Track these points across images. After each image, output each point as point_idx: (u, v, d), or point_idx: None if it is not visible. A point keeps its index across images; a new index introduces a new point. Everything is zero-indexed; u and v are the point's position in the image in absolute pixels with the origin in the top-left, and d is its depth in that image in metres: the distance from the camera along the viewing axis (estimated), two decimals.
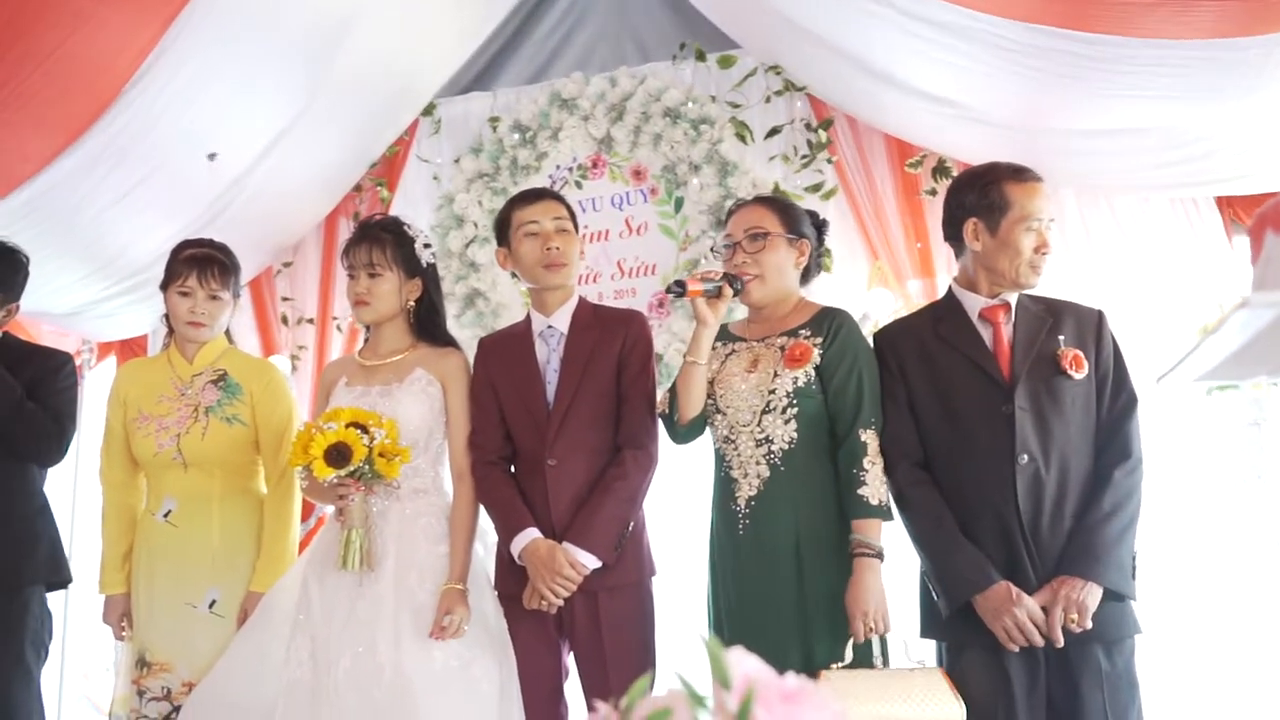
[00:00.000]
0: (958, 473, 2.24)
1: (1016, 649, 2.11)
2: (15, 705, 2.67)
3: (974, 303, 2.32)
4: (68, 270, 3.63)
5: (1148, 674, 2.22)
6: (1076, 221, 3.25)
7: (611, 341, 2.44)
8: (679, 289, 2.28)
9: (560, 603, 2.30)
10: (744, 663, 0.56)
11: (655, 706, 0.56)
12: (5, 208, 3.20)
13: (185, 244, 2.77)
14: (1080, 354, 2.22)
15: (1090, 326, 2.28)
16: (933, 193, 3.34)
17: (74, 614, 3.98)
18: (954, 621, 2.19)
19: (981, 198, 2.29)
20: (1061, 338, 2.23)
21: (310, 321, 4.09)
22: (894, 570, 2.24)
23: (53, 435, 2.77)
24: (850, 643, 2.14)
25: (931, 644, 2.30)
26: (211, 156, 3.43)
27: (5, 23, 2.70)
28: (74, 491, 4.01)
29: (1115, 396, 2.23)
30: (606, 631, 2.32)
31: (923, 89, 3.06)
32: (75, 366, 3.01)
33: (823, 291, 3.08)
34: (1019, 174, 2.30)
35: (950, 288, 2.40)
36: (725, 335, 2.44)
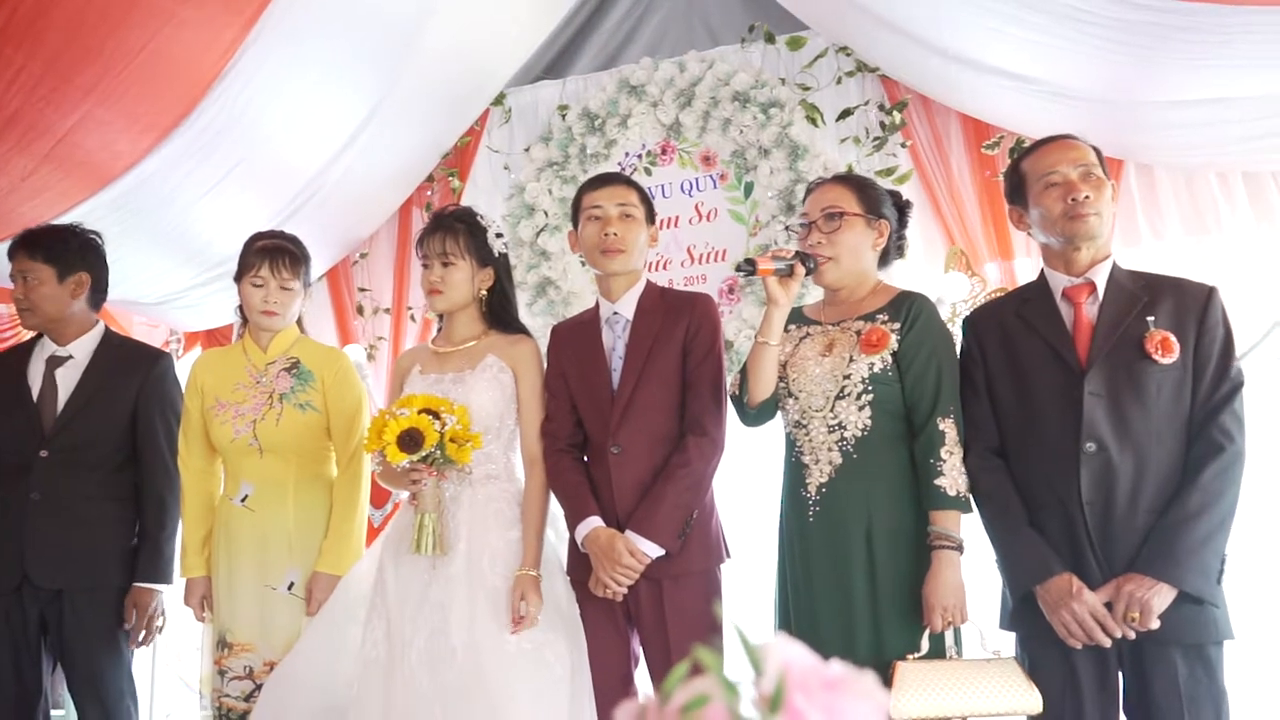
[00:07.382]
0: (1027, 459, 2.16)
1: (1079, 645, 2.03)
2: (107, 683, 2.79)
3: (1058, 282, 2.21)
4: (158, 260, 3.76)
5: (1240, 683, 2.09)
6: (1170, 202, 3.12)
7: (676, 326, 2.42)
8: (749, 268, 2.24)
9: (624, 591, 2.30)
10: (785, 649, 0.56)
11: (693, 694, 0.56)
12: (98, 201, 3.31)
13: (257, 236, 2.83)
14: (1171, 337, 2.05)
15: (1194, 305, 2.09)
16: None
17: (168, 598, 4.11)
18: (1024, 613, 2.13)
19: (1007, 185, 2.30)
20: (1152, 319, 2.08)
21: (386, 311, 4.13)
22: (971, 559, 2.18)
23: (174, 496, 2.88)
24: (927, 634, 2.10)
25: (1011, 635, 2.23)
26: None
27: (94, 24, 2.79)
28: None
29: (1216, 384, 2.05)
30: (671, 619, 2.31)
31: (1000, 67, 2.96)
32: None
33: (897, 276, 3.02)
34: (1037, 144, 2.26)
35: (1042, 268, 2.30)
36: (800, 318, 2.40)
